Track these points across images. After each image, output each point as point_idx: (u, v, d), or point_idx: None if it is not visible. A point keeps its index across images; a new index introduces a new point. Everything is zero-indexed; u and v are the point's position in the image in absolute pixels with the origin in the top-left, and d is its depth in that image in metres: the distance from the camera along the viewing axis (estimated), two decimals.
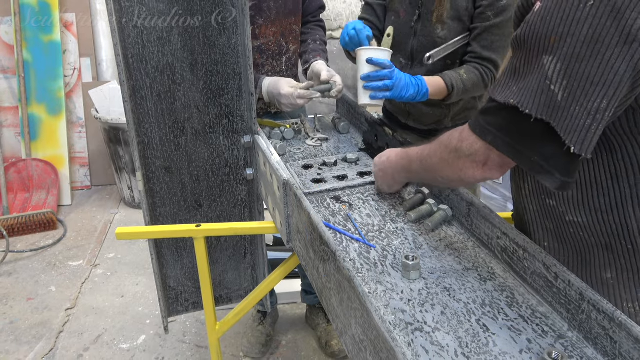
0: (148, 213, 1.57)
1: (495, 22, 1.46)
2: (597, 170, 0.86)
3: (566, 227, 0.94)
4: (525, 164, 0.80)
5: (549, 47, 0.74)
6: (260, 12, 1.72)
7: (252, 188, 1.67)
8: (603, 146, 0.84)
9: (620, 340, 0.75)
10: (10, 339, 2.34)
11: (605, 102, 0.71)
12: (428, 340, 0.84)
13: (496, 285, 0.97)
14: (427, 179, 1.07)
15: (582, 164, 0.87)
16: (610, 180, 0.85)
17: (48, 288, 2.71)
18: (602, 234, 0.89)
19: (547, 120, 0.74)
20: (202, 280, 1.50)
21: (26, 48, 3.52)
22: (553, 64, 0.74)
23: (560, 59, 0.73)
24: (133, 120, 1.45)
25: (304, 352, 2.25)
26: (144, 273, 2.82)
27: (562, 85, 0.73)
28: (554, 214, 0.95)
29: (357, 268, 1.03)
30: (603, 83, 0.71)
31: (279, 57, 1.84)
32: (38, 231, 3.26)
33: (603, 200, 0.87)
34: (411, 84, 1.43)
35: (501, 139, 0.81)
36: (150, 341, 2.32)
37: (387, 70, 1.39)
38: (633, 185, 0.83)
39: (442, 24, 1.52)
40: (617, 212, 0.86)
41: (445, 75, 1.50)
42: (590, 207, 0.89)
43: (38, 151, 3.60)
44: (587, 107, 0.72)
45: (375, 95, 1.42)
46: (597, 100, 0.72)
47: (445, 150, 0.92)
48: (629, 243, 0.86)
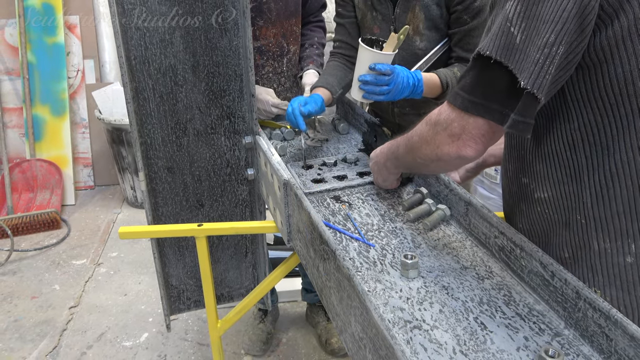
0: (150, 212, 1.57)
1: (474, 25, 1.43)
2: (557, 142, 0.89)
3: (535, 206, 0.97)
4: (498, 118, 0.81)
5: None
6: (260, 13, 1.72)
7: (253, 188, 1.67)
8: (562, 116, 0.86)
9: (616, 337, 0.75)
10: (15, 337, 2.34)
11: (553, 36, 0.75)
12: (426, 337, 0.84)
13: (494, 283, 0.97)
14: (410, 163, 1.08)
15: (545, 136, 0.90)
16: (568, 151, 0.88)
17: (52, 286, 2.71)
18: (562, 209, 0.91)
19: (505, 63, 0.77)
20: (204, 278, 1.50)
21: (30, 50, 3.52)
22: (514, 6, 0.78)
23: (521, 1, 0.77)
24: (136, 121, 1.45)
25: (304, 350, 2.25)
26: (146, 272, 2.82)
27: (520, 27, 0.77)
28: (526, 193, 0.98)
29: (357, 267, 1.03)
30: (552, 19, 0.75)
31: (280, 58, 1.83)
32: (42, 230, 3.26)
33: (562, 171, 0.89)
34: (407, 87, 1.40)
35: (469, 99, 0.83)
36: (152, 339, 2.32)
37: (387, 77, 1.35)
38: (588, 155, 0.85)
39: (419, 35, 1.50)
40: (574, 183, 0.88)
41: (440, 73, 1.48)
42: (552, 179, 0.91)
43: (42, 151, 3.60)
44: (538, 43, 0.76)
45: (369, 97, 1.39)
46: (545, 35, 0.75)
47: (426, 126, 0.94)
48: (583, 217, 0.88)
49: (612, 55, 0.78)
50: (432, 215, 1.17)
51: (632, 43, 0.77)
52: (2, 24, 3.52)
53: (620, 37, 0.77)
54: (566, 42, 0.75)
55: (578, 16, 0.74)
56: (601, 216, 0.87)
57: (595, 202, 0.87)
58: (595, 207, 0.87)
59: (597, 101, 0.82)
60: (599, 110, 0.83)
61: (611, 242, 0.87)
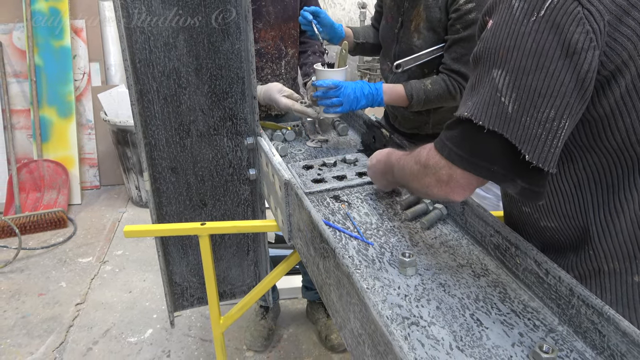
0: (155, 212, 1.57)
1: (464, 35, 1.42)
2: (562, 179, 0.87)
3: (543, 231, 0.95)
4: (485, 174, 0.79)
5: (498, 60, 0.75)
6: (259, 16, 1.72)
7: (254, 188, 1.67)
8: (566, 158, 0.84)
9: (609, 333, 0.75)
10: (23, 333, 2.33)
11: (553, 112, 0.71)
12: (424, 334, 0.84)
13: (489, 281, 0.97)
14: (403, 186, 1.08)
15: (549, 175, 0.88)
16: (574, 188, 0.86)
17: (59, 284, 2.71)
18: (572, 237, 0.90)
19: (500, 132, 0.74)
20: (207, 276, 1.50)
21: (38, 53, 3.52)
22: (502, 76, 0.74)
23: (509, 71, 0.73)
24: (140, 123, 1.45)
25: (304, 346, 2.25)
26: (150, 269, 2.82)
27: (511, 98, 0.73)
28: (531, 220, 0.97)
29: (356, 264, 1.03)
30: (550, 94, 0.71)
31: (279, 60, 1.83)
32: (49, 229, 3.26)
33: (568, 206, 0.88)
34: (362, 96, 1.47)
35: (456, 153, 0.80)
36: (156, 335, 2.32)
37: (333, 90, 1.45)
38: (594, 192, 0.84)
39: (418, 33, 1.51)
40: (580, 217, 0.87)
41: (407, 84, 1.50)
42: (558, 213, 0.90)
43: (49, 152, 3.60)
44: (537, 117, 0.72)
45: (328, 111, 1.49)
46: (545, 110, 0.72)
47: (416, 165, 0.92)
48: (590, 249, 0.88)
49: (612, 111, 0.76)
50: (429, 215, 1.17)
51: (630, 99, 0.74)
52: (10, 28, 3.52)
53: (619, 95, 0.74)
54: (568, 115, 0.72)
55: (578, 88, 0.71)
56: (609, 246, 0.86)
57: (602, 235, 0.86)
58: (602, 239, 0.86)
59: (600, 149, 0.80)
60: (604, 155, 0.81)
61: (619, 262, 0.86)
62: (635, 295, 0.86)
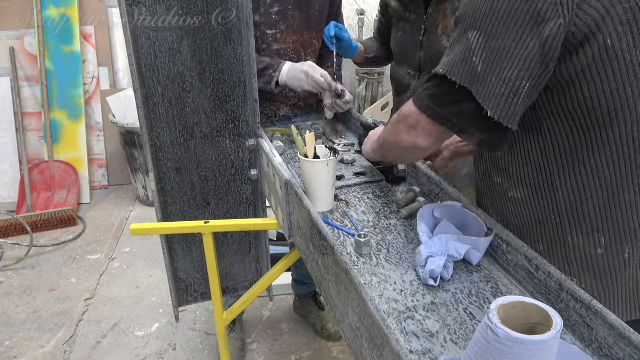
0: (160, 211, 1.57)
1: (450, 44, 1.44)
2: (531, 149, 0.90)
3: (507, 203, 0.98)
4: (448, 125, 0.84)
5: (474, 23, 0.78)
6: (284, 18, 1.68)
7: (256, 187, 1.67)
8: (534, 127, 0.87)
9: (597, 327, 0.75)
10: (34, 327, 2.33)
11: (515, 73, 0.75)
12: (419, 327, 0.84)
13: (482, 276, 0.97)
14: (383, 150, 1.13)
15: (519, 143, 0.91)
16: (542, 157, 0.89)
17: (69, 280, 2.71)
18: (536, 209, 0.93)
19: (469, 89, 0.78)
20: (210, 272, 1.50)
21: (49, 58, 3.52)
22: (476, 37, 0.78)
23: (482, 33, 0.77)
24: (146, 125, 1.45)
25: (305, 339, 2.24)
26: (157, 266, 2.82)
27: (481, 58, 0.77)
28: (499, 192, 1.00)
29: (354, 261, 1.03)
30: (515, 57, 0.75)
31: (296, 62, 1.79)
32: (59, 227, 3.26)
33: (537, 175, 0.90)
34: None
35: (427, 104, 0.85)
36: (163, 329, 2.31)
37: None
38: (559, 158, 0.87)
39: (447, 36, 1.51)
40: (548, 186, 0.89)
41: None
42: (527, 182, 0.92)
43: (59, 153, 3.59)
44: (501, 77, 0.76)
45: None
46: (509, 71, 0.75)
47: (396, 117, 0.96)
48: (557, 217, 0.90)
49: (579, 78, 0.78)
50: (410, 205, 1.17)
51: (596, 69, 0.76)
52: (22, 33, 3.51)
53: (586, 64, 0.76)
54: (529, 77, 0.75)
55: (539, 54, 0.74)
56: (574, 215, 0.88)
57: (569, 203, 0.88)
58: (568, 208, 0.88)
59: (565, 116, 0.82)
60: (568, 123, 0.83)
61: (584, 236, 0.88)
62: (600, 266, 0.89)
